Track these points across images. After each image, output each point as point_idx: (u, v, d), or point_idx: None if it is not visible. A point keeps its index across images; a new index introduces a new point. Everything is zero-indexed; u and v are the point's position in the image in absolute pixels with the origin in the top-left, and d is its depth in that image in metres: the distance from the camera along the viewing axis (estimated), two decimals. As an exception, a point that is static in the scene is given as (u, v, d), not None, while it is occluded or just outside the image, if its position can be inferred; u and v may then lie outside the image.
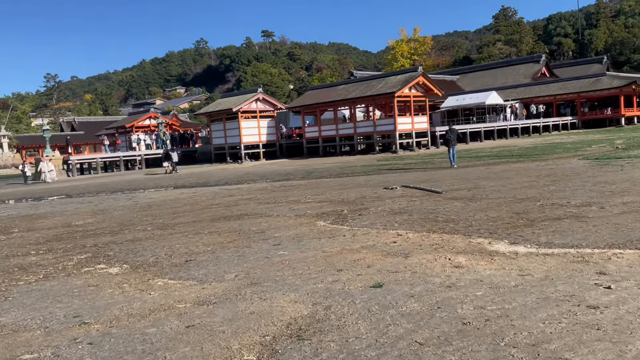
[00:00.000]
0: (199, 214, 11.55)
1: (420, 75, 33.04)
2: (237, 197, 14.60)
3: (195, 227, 9.61)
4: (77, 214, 13.42)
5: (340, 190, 14.13)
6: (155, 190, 19.66)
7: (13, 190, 26.73)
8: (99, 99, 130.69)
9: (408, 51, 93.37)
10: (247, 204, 12.57)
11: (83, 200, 17.45)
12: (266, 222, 9.43)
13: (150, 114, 48.71)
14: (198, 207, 12.93)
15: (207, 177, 25.43)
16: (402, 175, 17.40)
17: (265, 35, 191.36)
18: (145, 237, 8.94)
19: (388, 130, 33.67)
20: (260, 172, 26.11)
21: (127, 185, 23.55)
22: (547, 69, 63.86)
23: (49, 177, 31.32)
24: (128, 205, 14.62)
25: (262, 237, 7.93)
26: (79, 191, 22.36)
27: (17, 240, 9.69)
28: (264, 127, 39.43)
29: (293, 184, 17.35)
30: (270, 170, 26.40)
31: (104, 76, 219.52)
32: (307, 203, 11.79)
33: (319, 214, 9.94)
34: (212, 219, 10.42)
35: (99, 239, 9.10)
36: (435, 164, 22.04)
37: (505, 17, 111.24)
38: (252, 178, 22.19)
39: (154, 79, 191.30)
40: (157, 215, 11.95)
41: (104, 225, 10.98)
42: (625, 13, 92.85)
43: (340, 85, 38.48)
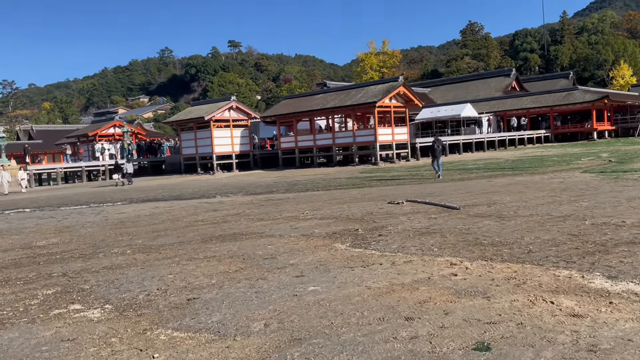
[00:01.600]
0: (184, 232, 9.99)
1: (401, 85, 32.20)
2: (223, 212, 13.05)
3: (186, 249, 8.07)
4: (38, 232, 11.61)
5: (338, 205, 12.79)
6: (126, 204, 17.83)
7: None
8: (58, 107, 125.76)
9: (377, 64, 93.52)
10: (238, 221, 11.07)
11: (44, 215, 15.51)
12: (271, 243, 8.00)
13: (115, 122, 46.32)
14: (181, 224, 11.34)
15: (180, 189, 23.66)
16: (398, 189, 16.21)
17: (232, 45, 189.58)
18: (127, 263, 7.35)
19: (368, 142, 32.62)
20: (238, 183, 24.52)
21: (92, 198, 21.55)
22: (517, 83, 64.67)
23: (7, 188, 28.74)
24: (97, 222, 12.87)
25: (274, 264, 6.49)
26: (39, 204, 20.25)
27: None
28: (237, 136, 37.80)
29: (281, 198, 15.91)
30: (248, 182, 24.84)
31: (64, 84, 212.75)
32: (309, 220, 10.39)
33: (330, 233, 8.57)
34: (203, 240, 8.90)
35: (69, 266, 7.46)
36: (424, 176, 21.01)
37: (472, 32, 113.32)
38: (231, 190, 20.60)
39: (116, 87, 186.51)
40: (134, 234, 10.32)
41: (72, 246, 9.29)
42: (588, 30, 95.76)
43: (318, 94, 37.30)
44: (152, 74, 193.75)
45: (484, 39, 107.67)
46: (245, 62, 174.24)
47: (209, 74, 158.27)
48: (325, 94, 36.29)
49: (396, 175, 22.21)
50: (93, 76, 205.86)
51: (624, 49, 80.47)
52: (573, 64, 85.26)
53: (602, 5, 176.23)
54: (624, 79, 73.98)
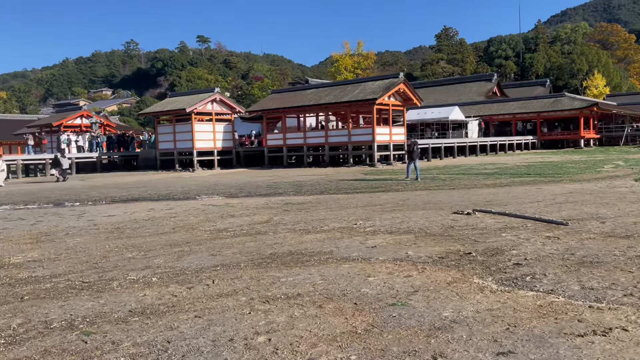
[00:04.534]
0: (215, 247, 7.47)
1: (402, 82, 30.21)
2: (243, 218, 10.54)
3: (241, 278, 5.59)
4: (7, 241, 8.82)
5: (386, 213, 10.49)
6: (109, 204, 15.00)
7: None
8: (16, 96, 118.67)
9: (352, 65, 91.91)
10: (277, 232, 8.62)
11: (10, 216, 12.57)
12: (366, 273, 5.62)
13: (82, 112, 42.66)
14: (200, 234, 8.79)
15: (165, 187, 20.82)
16: (434, 194, 14.04)
17: (201, 40, 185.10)
18: (164, 303, 4.84)
19: (365, 141, 30.45)
20: (230, 183, 21.86)
21: (63, 195, 18.50)
22: (498, 88, 64.10)
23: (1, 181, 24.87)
24: (84, 227, 10.13)
25: (421, 319, 4.13)
26: None
27: None
28: (220, 131, 34.96)
29: (300, 202, 13.48)
30: (242, 182, 22.21)
31: (21, 74, 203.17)
32: (376, 235, 8.05)
33: (434, 257, 6.27)
34: (253, 262, 6.42)
35: (71, 305, 4.89)
36: (443, 180, 18.96)
37: (447, 37, 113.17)
38: (228, 190, 18.00)
39: (77, 79, 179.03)
40: (144, 248, 7.73)
41: (64, 266, 6.65)
42: (561, 40, 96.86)
43: (309, 89, 34.89)
44: (117, 67, 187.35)
45: (459, 44, 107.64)
46: (214, 58, 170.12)
47: (176, 69, 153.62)
48: (317, 89, 33.93)
49: (409, 179, 20.07)
50: (53, 66, 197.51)
51: (597, 59, 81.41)
52: (548, 72, 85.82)
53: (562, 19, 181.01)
54: (597, 88, 74.62)
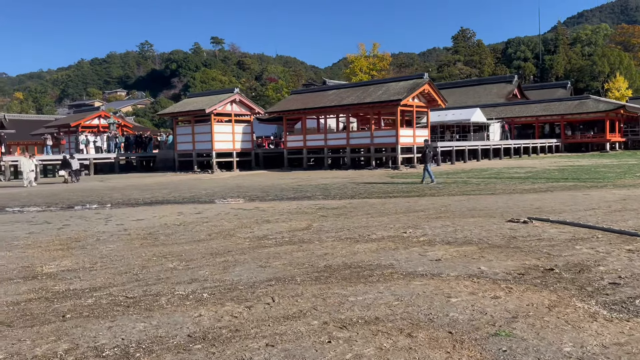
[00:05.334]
0: (261, 258, 6.90)
1: (427, 82, 29.50)
2: (280, 224, 9.97)
3: (303, 296, 5.00)
4: (37, 247, 8.34)
5: (432, 220, 9.85)
6: (135, 207, 14.53)
7: None
8: (32, 97, 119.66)
9: (367, 66, 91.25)
10: (322, 241, 8.03)
11: (35, 219, 12.13)
12: (442, 292, 5.00)
13: (100, 112, 42.51)
14: (239, 241, 8.22)
15: (187, 189, 20.35)
16: (475, 200, 13.36)
17: (215, 42, 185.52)
18: (230, 328, 4.26)
19: (388, 143, 29.77)
20: (252, 185, 21.34)
21: (85, 196, 18.11)
22: (518, 90, 62.96)
23: (28, 180, 24.58)
24: (114, 232, 9.63)
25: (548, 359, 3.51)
26: (21, 202, 16.75)
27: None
28: (239, 133, 34.50)
29: (334, 206, 12.88)
30: (266, 184, 21.68)
31: (37, 74, 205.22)
32: (434, 245, 7.43)
33: (513, 274, 5.63)
34: (309, 276, 5.83)
35: (120, 326, 4.33)
36: (476, 184, 18.25)
37: (464, 39, 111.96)
38: (255, 194, 17.46)
39: (92, 79, 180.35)
40: (184, 257, 7.18)
41: (102, 277, 6.12)
42: (581, 41, 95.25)
43: (330, 90, 34.29)
44: (131, 68, 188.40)
45: (476, 45, 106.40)
46: (228, 59, 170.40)
47: (190, 70, 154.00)
48: (338, 90, 33.33)
49: (441, 182, 19.38)
50: (68, 67, 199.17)
51: (619, 61, 79.85)
52: (568, 74, 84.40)
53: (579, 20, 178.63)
54: (619, 91, 73.12)
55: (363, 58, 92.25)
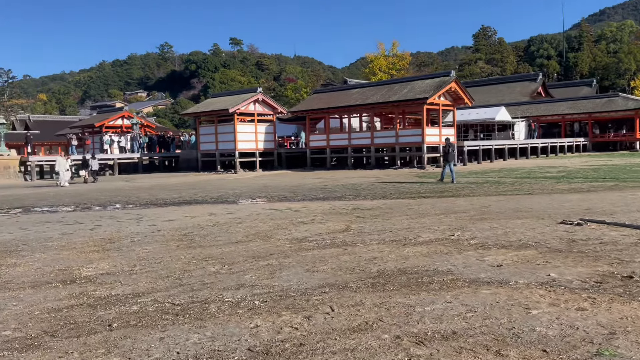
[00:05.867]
0: (306, 261, 6.54)
1: (454, 80, 28.90)
2: (316, 225, 9.60)
3: (363, 304, 4.61)
4: (71, 248, 8.10)
5: (482, 222, 9.39)
6: (164, 207, 14.31)
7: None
8: (55, 98, 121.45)
9: (386, 65, 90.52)
10: (366, 244, 7.63)
11: (65, 219, 11.96)
12: (531, 304, 4.56)
13: (123, 112, 42.68)
14: (278, 243, 7.87)
15: (214, 189, 20.12)
16: (522, 200, 12.83)
17: (234, 42, 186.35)
18: (282, 335, 3.90)
19: (414, 142, 29.24)
20: (279, 185, 21.03)
21: (113, 196, 17.99)
22: (543, 89, 61.67)
23: (64, 180, 24.64)
24: (147, 233, 9.37)
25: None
26: (49, 201, 16.68)
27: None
28: (262, 132, 34.31)
29: (369, 207, 12.48)
30: (292, 184, 21.36)
31: (59, 76, 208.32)
32: (488, 249, 6.98)
33: (587, 281, 5.17)
34: (364, 282, 5.45)
35: (172, 337, 4.00)
36: (510, 184, 17.66)
37: (485, 37, 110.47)
38: (282, 194, 17.15)
39: (114, 81, 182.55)
40: (224, 260, 6.85)
41: (144, 282, 5.82)
42: (606, 38, 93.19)
43: (354, 89, 33.87)
44: (151, 69, 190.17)
45: (497, 43, 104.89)
46: (246, 60, 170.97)
47: (209, 71, 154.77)
48: (362, 89, 32.89)
49: (473, 183, 18.85)
50: (90, 69, 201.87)
51: (646, 58, 77.97)
52: (593, 72, 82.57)
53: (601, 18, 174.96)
54: (647, 88, 71.31)
55: (382, 57, 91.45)
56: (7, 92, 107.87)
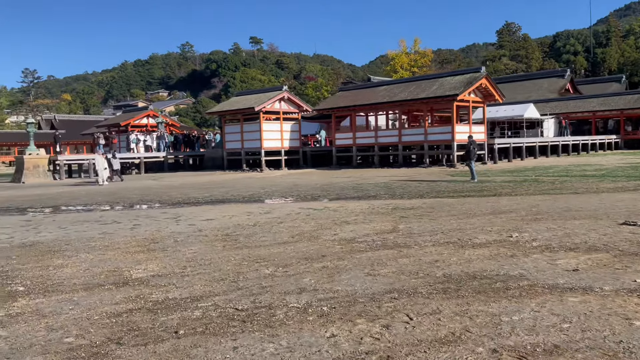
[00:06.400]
0: (363, 263, 6.23)
1: (484, 77, 28.27)
2: (361, 225, 9.28)
3: (445, 312, 4.29)
4: (115, 248, 7.93)
5: (537, 222, 8.97)
6: (199, 205, 14.15)
7: None
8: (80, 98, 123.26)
9: (408, 63, 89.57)
10: (422, 246, 7.29)
11: (103, 218, 11.87)
12: (631, 315, 4.20)
13: (148, 112, 42.89)
14: (326, 244, 7.58)
15: (243, 188, 19.93)
16: (569, 199, 12.33)
17: (254, 42, 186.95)
18: (365, 346, 3.61)
19: (443, 140, 28.71)
20: (308, 184, 20.75)
21: (144, 195, 17.93)
22: (571, 85, 60.28)
23: (102, 178, 24.71)
24: (189, 233, 9.17)
25: None
26: (82, 200, 16.68)
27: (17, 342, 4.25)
28: (287, 131, 34.08)
29: (409, 206, 12.11)
30: (322, 183, 21.06)
31: (82, 77, 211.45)
32: (555, 252, 6.58)
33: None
34: (432, 286, 5.12)
35: (247, 349, 3.73)
36: (550, 182, 17.09)
37: (509, 33, 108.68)
38: (313, 193, 16.86)
39: (135, 81, 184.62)
40: (275, 261, 6.58)
41: (199, 285, 5.57)
42: (635, 33, 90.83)
43: (380, 86, 33.42)
44: (172, 69, 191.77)
45: (522, 39, 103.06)
46: (266, 59, 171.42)
47: (230, 70, 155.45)
48: (389, 86, 32.42)
49: (510, 181, 18.31)
50: (112, 69, 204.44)
51: (678, 53, 75.69)
52: (621, 68, 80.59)
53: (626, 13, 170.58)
54: (678, 84, 69.24)
55: (404, 54, 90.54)
56: (33, 92, 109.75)
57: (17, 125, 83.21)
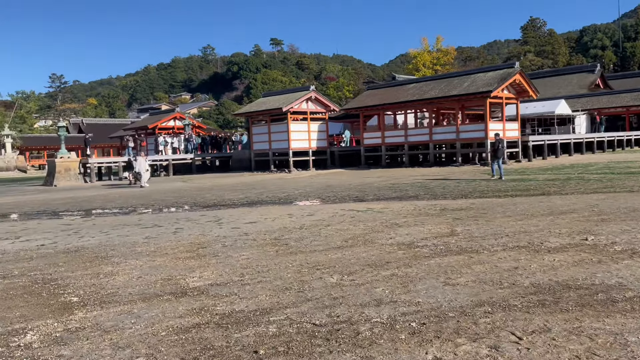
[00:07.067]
0: (434, 271, 5.76)
1: (518, 72, 27.47)
2: (414, 227, 8.79)
3: (554, 329, 3.81)
4: (164, 254, 7.59)
5: (606, 223, 8.37)
6: (234, 207, 13.81)
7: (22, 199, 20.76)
8: (105, 102, 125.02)
9: (430, 61, 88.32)
10: (492, 251, 6.78)
11: (142, 222, 11.60)
12: None
13: (175, 114, 43.01)
14: (388, 250, 7.12)
15: (277, 190, 19.58)
16: (630, 198, 11.64)
17: (274, 43, 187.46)
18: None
19: (476, 138, 27.97)
20: (342, 184, 20.30)
21: (177, 197, 17.71)
22: (601, 80, 58.52)
23: (145, 180, 24.64)
24: (235, 237, 8.80)
25: None
26: (117, 203, 16.52)
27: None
28: (315, 131, 33.72)
29: (457, 207, 11.57)
30: (355, 183, 20.59)
31: (107, 81, 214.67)
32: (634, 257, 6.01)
33: None
34: (525, 298, 4.62)
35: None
36: (598, 180, 16.31)
37: (534, 29, 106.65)
38: (350, 193, 16.40)
39: (158, 84, 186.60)
40: (336, 268, 6.14)
41: (263, 295, 5.16)
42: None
43: (409, 84, 32.81)
44: (194, 72, 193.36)
45: (548, 35, 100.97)
46: (287, 60, 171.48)
47: (251, 72, 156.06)
48: (418, 84, 31.79)
49: (553, 179, 17.58)
50: (135, 73, 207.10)
51: None
52: (652, 62, 78.27)
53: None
54: None
55: (426, 53, 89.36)
56: (60, 97, 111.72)
57: (45, 129, 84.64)
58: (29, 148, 63.33)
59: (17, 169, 49.63)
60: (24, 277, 6.54)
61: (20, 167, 50.45)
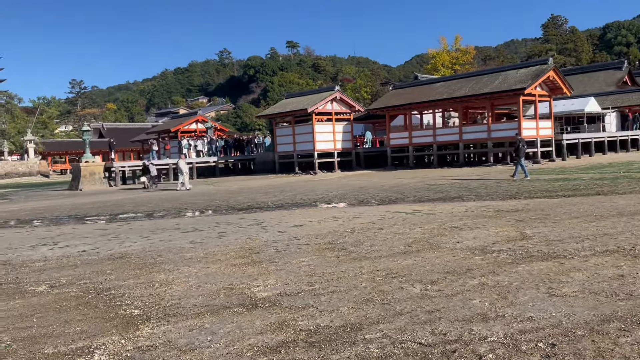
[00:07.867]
0: (526, 280, 5.16)
1: (552, 69, 26.59)
2: (477, 231, 8.17)
3: None
4: (216, 260, 7.08)
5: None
6: (269, 211, 13.30)
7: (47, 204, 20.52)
8: (124, 106, 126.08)
9: (449, 60, 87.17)
10: (582, 256, 6.14)
11: (180, 226, 11.14)
12: None
13: (197, 117, 42.75)
14: (462, 255, 6.51)
15: (310, 191, 19.03)
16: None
17: (290, 46, 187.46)
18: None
19: (508, 137, 27.08)
20: (375, 186, 19.67)
21: (208, 201, 17.28)
22: (629, 77, 56.99)
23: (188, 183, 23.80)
24: (285, 241, 8.27)
25: None
26: (148, 207, 16.13)
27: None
28: (340, 132, 33.12)
29: (511, 208, 10.89)
30: (388, 184, 19.95)
31: (124, 86, 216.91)
32: None
33: None
34: (657, 312, 4.00)
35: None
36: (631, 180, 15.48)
37: (555, 26, 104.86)
38: (387, 195, 15.78)
39: (176, 88, 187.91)
40: (412, 276, 5.56)
41: (345, 308, 4.61)
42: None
43: (437, 82, 32.09)
44: (211, 75, 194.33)
45: (570, 32, 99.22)
46: (303, 62, 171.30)
47: (267, 75, 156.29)
48: (446, 82, 31.04)
49: (599, 179, 16.76)
50: (153, 78, 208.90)
51: None
52: (680, 59, 76.25)
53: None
54: None
55: (445, 52, 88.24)
56: (80, 102, 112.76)
57: (65, 134, 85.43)
58: (50, 153, 63.80)
59: (39, 173, 49.94)
60: (73, 286, 6.08)
61: (43, 172, 50.77)
